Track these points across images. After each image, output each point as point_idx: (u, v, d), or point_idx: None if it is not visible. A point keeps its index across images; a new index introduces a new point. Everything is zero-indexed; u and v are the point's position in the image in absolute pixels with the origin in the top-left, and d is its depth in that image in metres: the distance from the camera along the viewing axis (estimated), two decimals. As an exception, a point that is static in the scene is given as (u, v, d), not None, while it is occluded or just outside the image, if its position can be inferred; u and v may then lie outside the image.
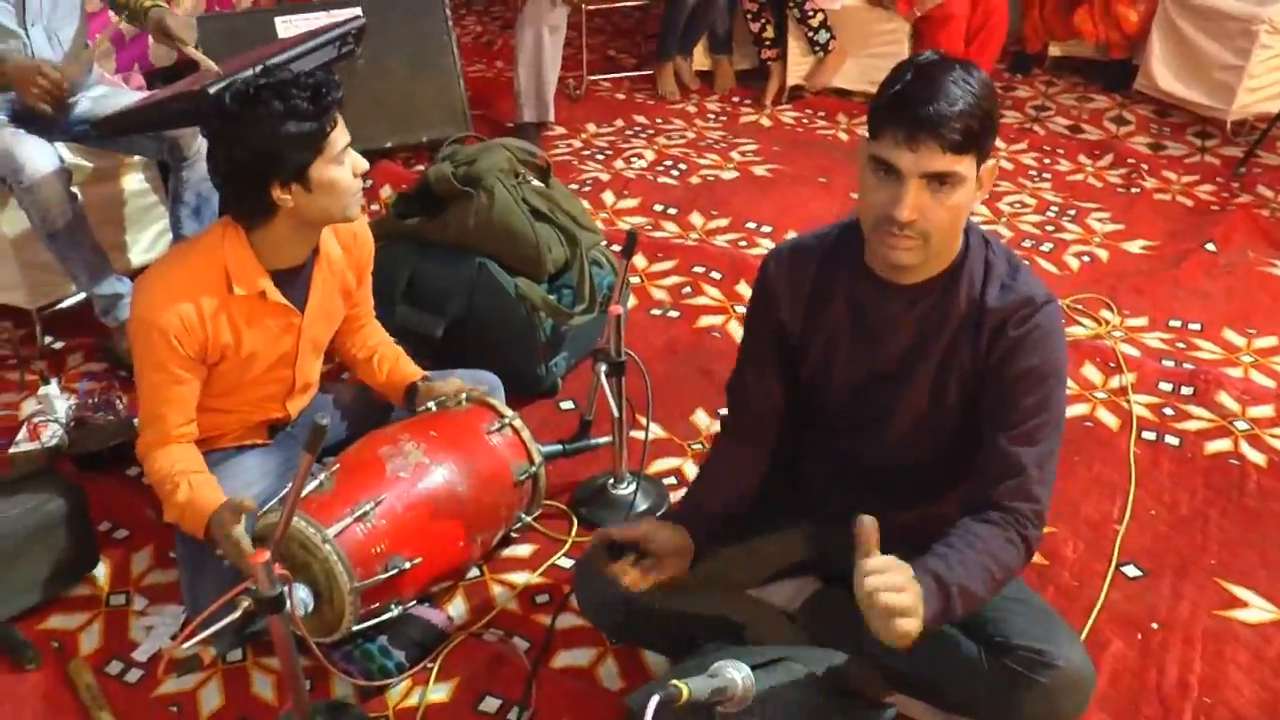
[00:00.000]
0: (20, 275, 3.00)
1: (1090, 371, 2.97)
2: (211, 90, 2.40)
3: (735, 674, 1.41)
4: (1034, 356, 1.69)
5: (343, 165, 2.07)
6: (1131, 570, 2.35)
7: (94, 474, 2.59)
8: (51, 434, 2.68)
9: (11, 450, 2.65)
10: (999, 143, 4.31)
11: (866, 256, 1.74)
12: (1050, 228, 3.77)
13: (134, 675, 2.14)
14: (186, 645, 1.72)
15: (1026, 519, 1.66)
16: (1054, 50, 5.04)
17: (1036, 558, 2.34)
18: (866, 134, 1.63)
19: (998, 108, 1.62)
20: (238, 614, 1.72)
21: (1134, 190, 4.03)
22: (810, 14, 4.58)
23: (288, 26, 3.95)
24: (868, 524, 1.47)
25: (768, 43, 4.79)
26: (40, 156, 2.71)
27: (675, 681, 1.31)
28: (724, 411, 2.02)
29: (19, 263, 2.99)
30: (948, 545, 1.62)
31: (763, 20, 4.74)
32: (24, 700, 2.08)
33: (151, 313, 2.03)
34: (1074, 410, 2.81)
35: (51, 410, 2.73)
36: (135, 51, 4.23)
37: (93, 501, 2.37)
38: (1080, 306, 3.26)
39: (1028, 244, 3.65)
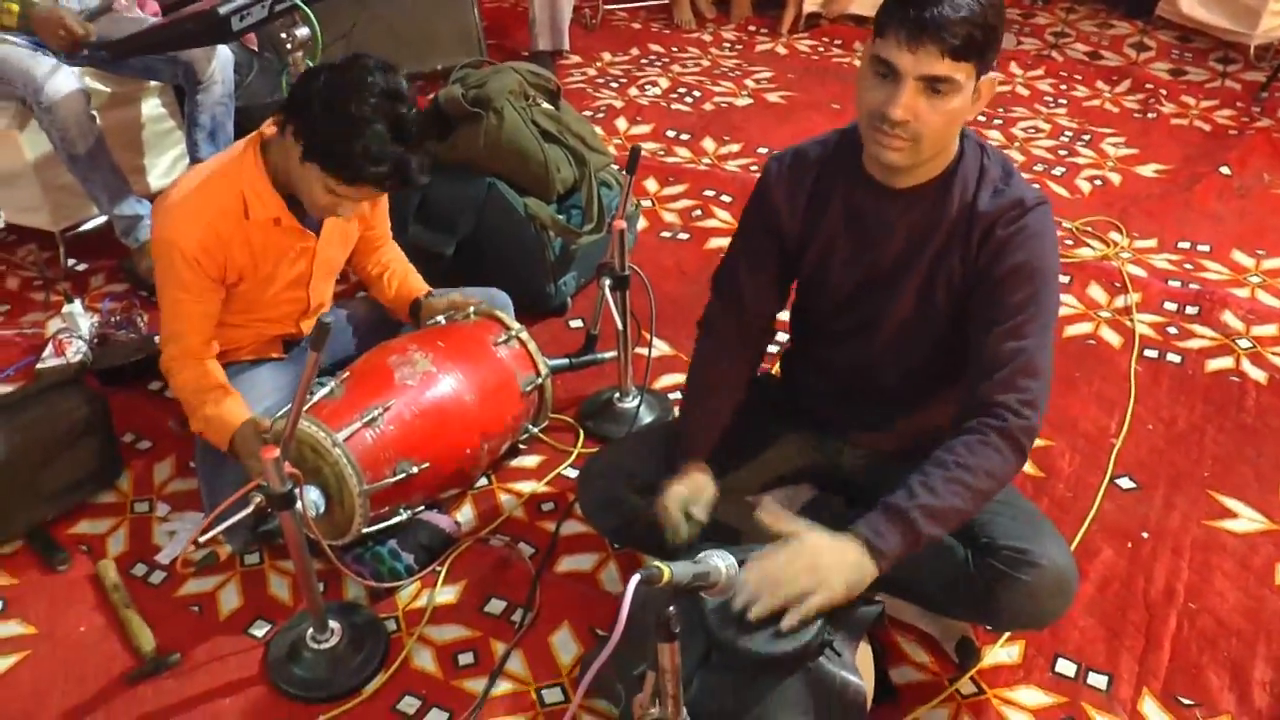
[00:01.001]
0: (43, 197, 3.07)
1: (1096, 291, 2.99)
2: (222, 11, 2.44)
3: (720, 562, 1.47)
4: (1021, 254, 1.71)
5: (341, 202, 2.08)
6: (1125, 482, 2.39)
7: (117, 389, 2.67)
8: (76, 350, 2.76)
9: (39, 365, 2.74)
10: (1015, 69, 4.33)
11: (864, 160, 1.76)
12: (1063, 152, 3.76)
13: (157, 577, 2.23)
14: (203, 538, 1.80)
15: (1010, 410, 1.67)
16: (1076, -24, 4.99)
17: (1032, 469, 2.40)
18: (872, 33, 1.64)
19: (1003, 22, 1.63)
20: (250, 509, 1.80)
21: (1150, 116, 4.01)
22: None
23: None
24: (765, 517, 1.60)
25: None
26: (59, 77, 2.77)
27: (658, 563, 1.37)
28: (707, 306, 2.03)
29: (41, 185, 3.05)
30: (918, 471, 1.65)
31: (781, -54, 4.73)
32: (57, 598, 2.18)
33: (172, 235, 2.09)
34: (1077, 329, 2.85)
35: (76, 328, 2.82)
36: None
37: (116, 414, 2.46)
38: (1089, 229, 3.26)
39: (1039, 168, 3.65)
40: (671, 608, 1.35)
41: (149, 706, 1.96)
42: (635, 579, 1.32)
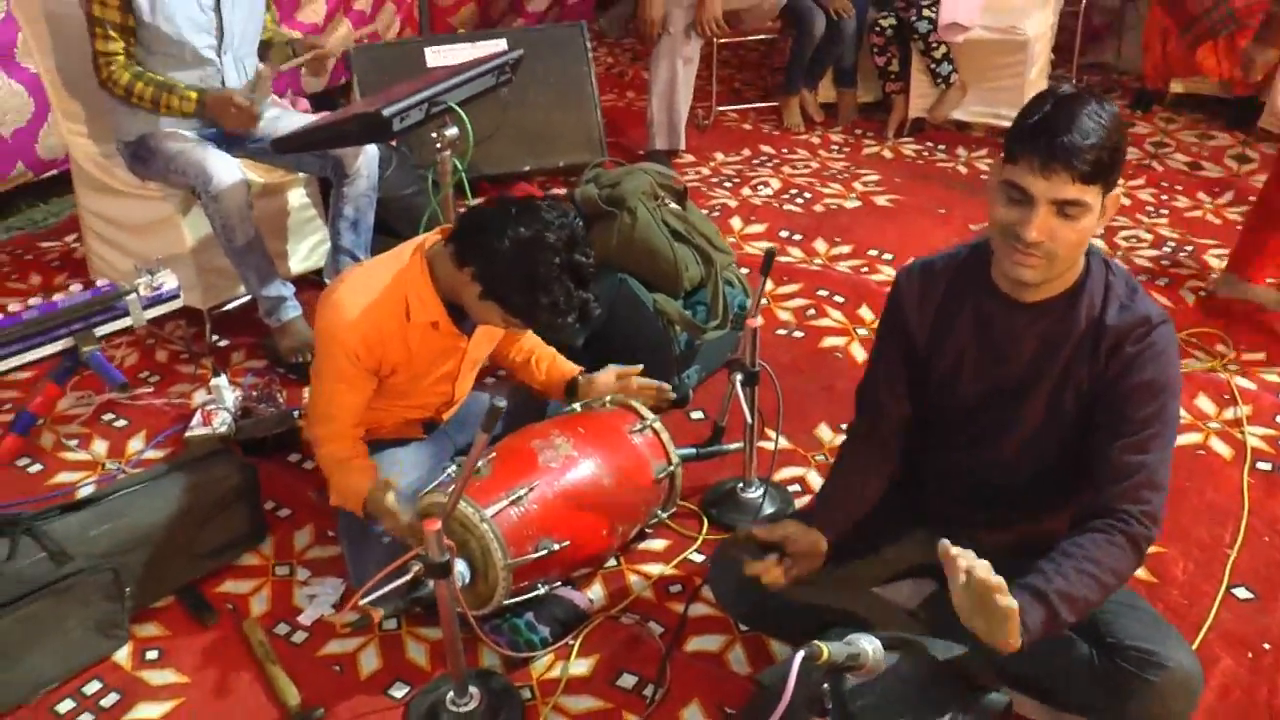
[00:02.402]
0: (197, 277, 3.27)
1: (1204, 403, 3.03)
2: (386, 113, 2.63)
3: (868, 645, 1.55)
4: (1149, 371, 1.79)
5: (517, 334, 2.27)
6: (1242, 593, 2.41)
7: (257, 458, 2.80)
8: (221, 420, 2.92)
9: (187, 434, 2.91)
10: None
11: (994, 274, 1.86)
12: (1166, 262, 3.82)
13: (299, 636, 2.35)
14: (364, 601, 1.91)
15: (1133, 518, 1.74)
16: (1176, 87, 5.07)
17: (1145, 574, 2.43)
18: (1002, 156, 1.75)
19: (1126, 142, 1.74)
20: (409, 577, 1.91)
21: (1256, 229, 4.05)
22: (934, 45, 4.70)
23: (437, 56, 4.20)
24: (946, 544, 1.65)
25: (892, 76, 4.93)
26: (226, 169, 2.99)
27: (817, 642, 1.45)
28: (853, 419, 2.14)
29: (196, 266, 3.26)
30: (1047, 560, 1.73)
31: (888, 54, 4.89)
32: (207, 652, 2.31)
33: (336, 329, 2.24)
34: (1186, 439, 2.88)
35: (221, 400, 2.98)
36: (287, 78, 4.54)
37: (260, 482, 2.59)
38: (1195, 340, 3.31)
39: (1143, 278, 3.70)
40: (825, 685, 1.43)
41: (297, 758, 2.07)
42: (800, 655, 1.41)
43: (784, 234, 4.06)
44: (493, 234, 2.14)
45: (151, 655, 2.30)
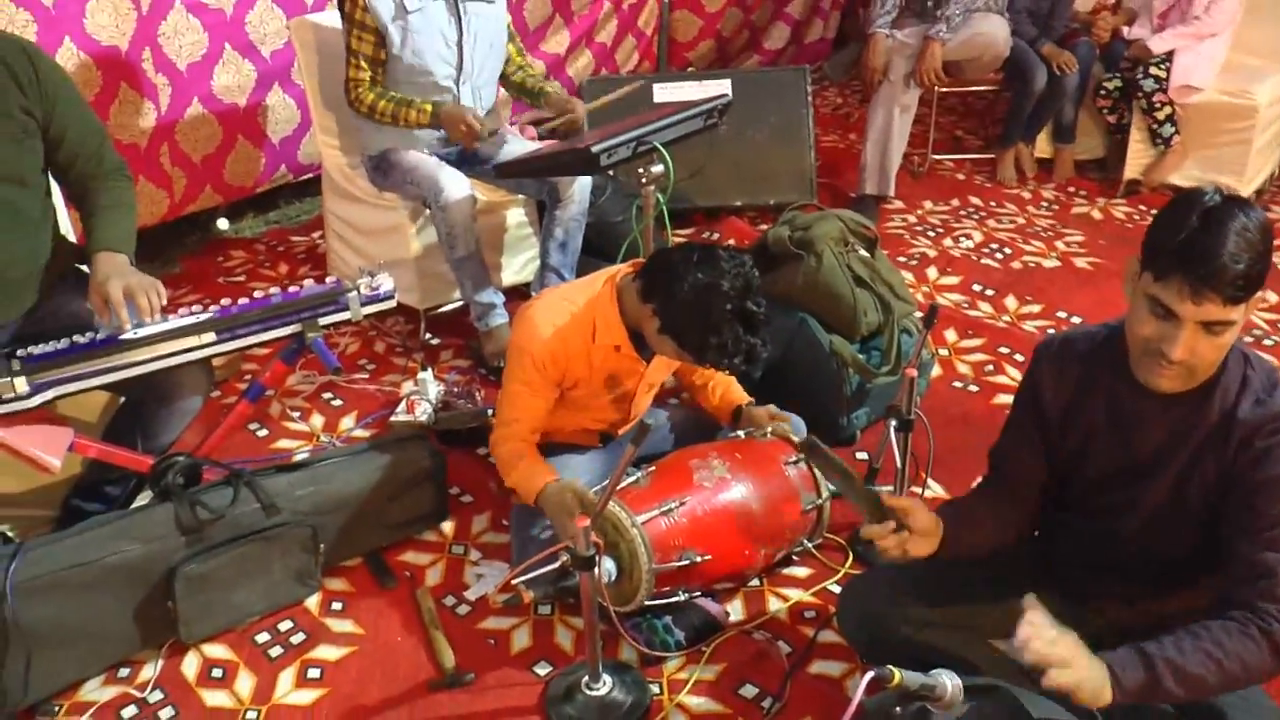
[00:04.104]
0: (417, 280, 3.62)
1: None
2: (594, 149, 2.87)
3: (947, 680, 1.65)
4: None
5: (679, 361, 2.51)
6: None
7: (451, 448, 3.09)
8: (423, 410, 3.23)
9: (392, 419, 3.23)
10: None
11: (1131, 363, 1.87)
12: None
13: (463, 609, 2.61)
14: (517, 580, 2.15)
15: (1272, 617, 1.73)
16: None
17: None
18: (1141, 262, 1.75)
19: (1272, 250, 1.72)
20: (557, 565, 2.14)
21: None
22: (1158, 106, 4.63)
23: (664, 92, 4.45)
24: (1031, 598, 1.73)
25: (1121, 130, 4.90)
26: (456, 183, 3.31)
27: (891, 667, 1.56)
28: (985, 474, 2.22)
29: (418, 270, 3.61)
30: (1169, 632, 1.75)
31: (1119, 111, 4.86)
32: (382, 610, 2.60)
33: (529, 342, 2.49)
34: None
35: (425, 392, 3.29)
36: (524, 105, 4.89)
37: (449, 469, 2.88)
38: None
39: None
40: (898, 708, 1.55)
41: (444, 712, 2.32)
42: (869, 675, 1.53)
43: (976, 287, 4.11)
44: (675, 277, 2.36)
45: (336, 606, 2.61)
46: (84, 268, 2.53)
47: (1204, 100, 4.63)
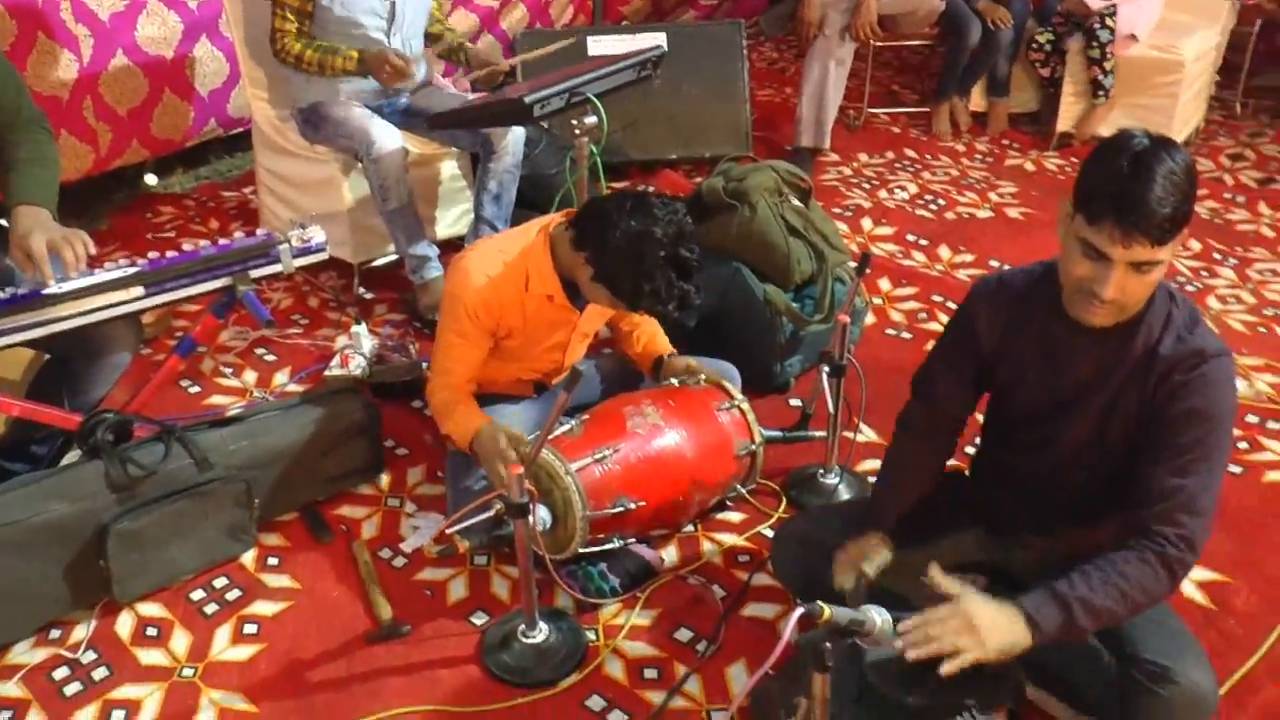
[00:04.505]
0: (351, 234, 3.58)
1: (1307, 441, 3.03)
2: (527, 100, 2.85)
3: (876, 615, 1.68)
4: (1195, 399, 1.85)
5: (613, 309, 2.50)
6: (1305, 628, 2.43)
7: (386, 401, 3.08)
8: (357, 364, 3.21)
9: (326, 373, 3.21)
10: (1264, 209, 4.34)
11: (1064, 300, 1.91)
12: (1298, 299, 3.78)
13: (400, 562, 2.61)
14: (452, 530, 2.15)
15: (1169, 541, 1.82)
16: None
17: (1205, 601, 2.48)
18: (1073, 205, 1.79)
19: (1197, 186, 1.77)
20: (491, 514, 2.14)
21: (1405, 273, 3.95)
22: (1109, 56, 4.68)
23: (598, 45, 4.43)
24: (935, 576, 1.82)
25: (1053, 84, 4.97)
26: (387, 135, 3.28)
27: (820, 603, 1.59)
28: (907, 405, 2.25)
29: (351, 224, 3.57)
30: (1078, 569, 1.82)
31: (1051, 65, 4.92)
32: (318, 564, 2.60)
33: (462, 291, 2.48)
34: (1276, 475, 2.90)
35: (359, 346, 3.27)
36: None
37: (383, 422, 2.87)
38: (1313, 377, 3.29)
39: (1269, 311, 3.68)
40: (828, 643, 1.58)
41: (381, 664, 2.32)
42: (798, 611, 1.56)
43: (911, 237, 4.16)
44: (608, 224, 2.36)
45: (272, 561, 2.60)
46: (3, 222, 2.47)
47: (1134, 54, 4.70)
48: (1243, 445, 3.00)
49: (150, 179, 4.39)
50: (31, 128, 2.50)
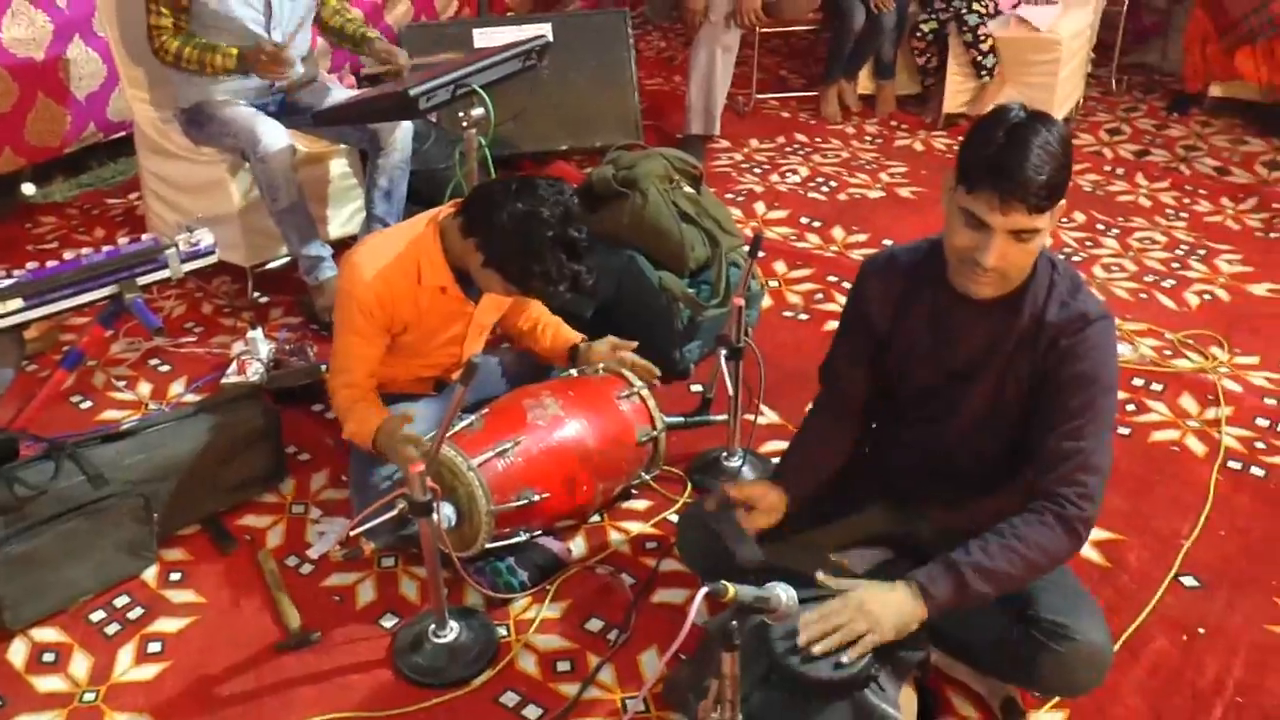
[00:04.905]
0: (242, 237, 3.51)
1: (1187, 402, 3.14)
2: (412, 93, 2.83)
3: (782, 592, 1.71)
4: (1082, 363, 1.92)
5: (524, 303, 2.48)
6: (1189, 580, 2.53)
7: (286, 406, 3.02)
8: (255, 370, 3.16)
9: (223, 380, 3.15)
10: (1141, 180, 4.50)
11: (949, 275, 1.98)
12: (1176, 265, 3.91)
13: (307, 569, 2.58)
14: (357, 532, 2.13)
15: (1067, 500, 1.89)
16: (1215, 91, 5.11)
17: (1099, 559, 2.58)
18: (955, 177, 1.85)
19: (1072, 159, 1.84)
20: (394, 513, 2.13)
21: (1273, 235, 4.12)
22: (982, 38, 4.79)
23: (484, 37, 4.41)
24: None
25: (931, 72, 5.08)
26: (274, 134, 3.22)
27: (725, 582, 1.62)
28: (817, 395, 2.31)
29: (242, 227, 3.50)
30: (978, 537, 1.89)
31: (928, 54, 5.01)
32: (223, 576, 2.55)
33: (354, 286, 2.46)
34: (1162, 435, 3.01)
35: (256, 351, 3.21)
36: (347, 55, 4.77)
37: (284, 429, 2.83)
38: (1190, 342, 3.42)
39: (1149, 278, 3.81)
40: (734, 621, 1.61)
41: (292, 674, 2.29)
42: (703, 591, 1.58)
43: (804, 220, 4.21)
44: (494, 207, 2.35)
45: (175, 576, 2.55)
46: None
47: (1012, 35, 4.82)
48: (1130, 408, 3.11)
49: (27, 188, 4.24)
50: None
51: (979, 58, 4.84)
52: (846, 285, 3.65)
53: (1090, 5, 5.05)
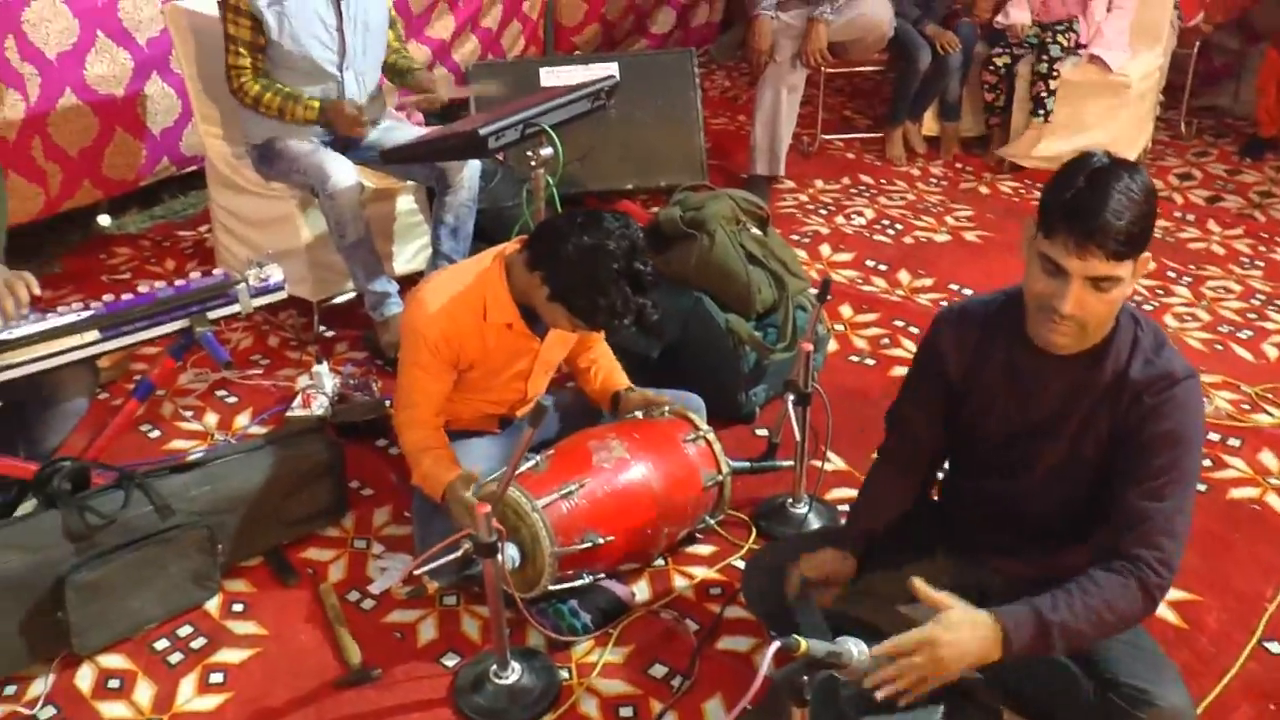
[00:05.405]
0: (309, 271, 3.54)
1: (1267, 458, 3.06)
2: (482, 132, 2.85)
3: (854, 647, 1.68)
4: (1167, 422, 1.86)
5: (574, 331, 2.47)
6: (1275, 647, 2.45)
7: (349, 441, 3.03)
8: (319, 404, 3.18)
9: (288, 414, 3.17)
10: (1213, 226, 4.41)
11: (1027, 325, 1.94)
12: (1252, 315, 3.83)
13: (368, 604, 2.57)
14: (420, 571, 2.12)
15: (1148, 565, 1.83)
16: (1291, 136, 5.03)
17: (1176, 620, 2.50)
18: (1036, 223, 1.82)
19: (1156, 210, 1.80)
20: (459, 553, 2.11)
21: (1356, 287, 4.02)
22: (1054, 75, 4.72)
23: (551, 77, 4.43)
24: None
25: (998, 110, 5.03)
26: (343, 171, 3.26)
27: (798, 636, 1.59)
28: (883, 441, 2.27)
29: (309, 261, 3.53)
30: (1062, 589, 1.83)
31: (998, 91, 4.97)
32: (285, 609, 2.56)
33: (420, 322, 2.46)
34: (1241, 492, 2.93)
35: (321, 385, 3.24)
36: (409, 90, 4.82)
37: (347, 463, 2.84)
38: (1270, 395, 3.33)
39: (1224, 329, 3.73)
40: (804, 676, 1.58)
41: (350, 710, 2.29)
42: (774, 645, 1.55)
43: (870, 263, 4.18)
44: (560, 240, 2.35)
45: (238, 607, 2.55)
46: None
47: (1081, 78, 4.76)
48: (1207, 463, 3.03)
49: (104, 220, 4.33)
50: None
51: (1044, 94, 4.76)
52: (913, 330, 3.64)
53: (1160, 47, 4.98)
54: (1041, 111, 4.81)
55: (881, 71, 5.48)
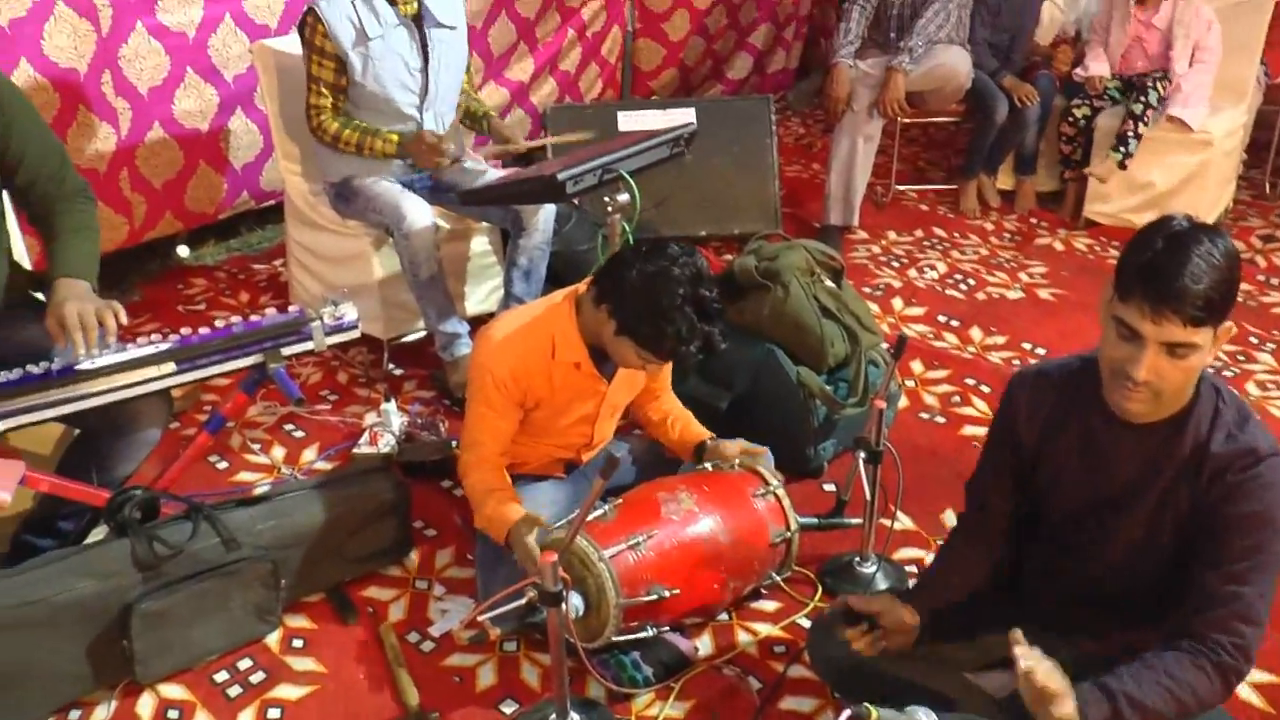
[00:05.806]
0: (381, 310, 3.58)
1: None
2: (560, 177, 2.86)
3: (923, 717, 1.64)
4: (1252, 503, 1.79)
5: (650, 363, 2.42)
6: (1362, 731, 2.36)
7: (415, 480, 3.04)
8: (386, 442, 3.19)
9: (355, 450, 3.18)
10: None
11: (1103, 393, 1.88)
12: (1345, 387, 3.72)
13: (428, 646, 2.56)
14: (482, 617, 2.10)
15: (1224, 649, 1.76)
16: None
17: (1259, 703, 2.42)
18: (1112, 286, 1.77)
19: (1239, 277, 1.74)
20: (523, 601, 2.09)
21: None
22: (1145, 120, 4.63)
23: (629, 121, 4.45)
24: (1018, 633, 1.74)
25: (1075, 164, 4.96)
26: (418, 211, 3.28)
27: (869, 705, 1.55)
28: (964, 509, 2.23)
29: (381, 300, 3.56)
30: (1128, 665, 1.77)
31: (1075, 144, 4.91)
32: (344, 647, 2.55)
33: (489, 361, 2.47)
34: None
35: (389, 424, 3.24)
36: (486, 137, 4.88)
37: (412, 502, 2.83)
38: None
39: (1312, 400, 3.63)
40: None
41: (409, 754, 2.27)
42: (846, 713, 1.51)
43: (941, 318, 4.13)
44: (624, 269, 2.36)
45: (297, 643, 2.55)
46: (41, 296, 2.47)
47: (1160, 135, 4.68)
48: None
49: (182, 250, 4.41)
50: (76, 198, 2.51)
51: (1130, 134, 4.63)
52: (985, 389, 3.58)
53: (1244, 104, 4.90)
54: (1123, 149, 4.68)
55: (957, 122, 5.45)
